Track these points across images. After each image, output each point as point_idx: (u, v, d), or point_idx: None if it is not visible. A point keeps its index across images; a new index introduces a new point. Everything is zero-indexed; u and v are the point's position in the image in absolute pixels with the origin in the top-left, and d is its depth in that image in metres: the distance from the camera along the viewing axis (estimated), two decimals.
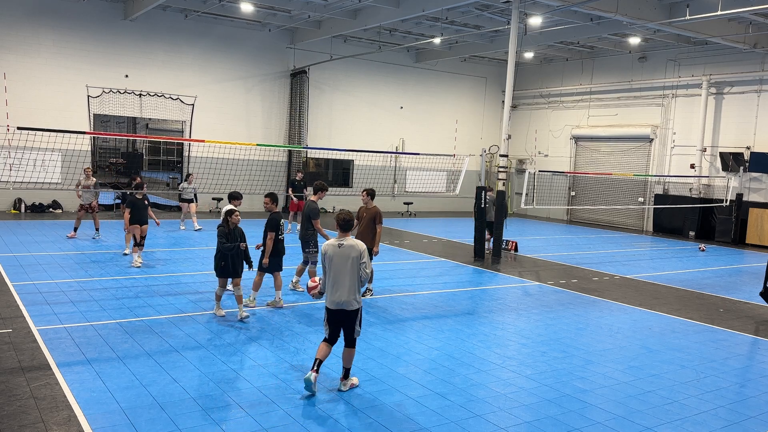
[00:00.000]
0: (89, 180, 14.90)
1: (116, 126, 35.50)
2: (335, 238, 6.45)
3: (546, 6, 17.28)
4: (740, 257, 18.42)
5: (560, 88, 27.46)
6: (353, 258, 6.27)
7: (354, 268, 6.27)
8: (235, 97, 22.96)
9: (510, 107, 15.91)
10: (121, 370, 6.52)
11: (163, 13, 20.95)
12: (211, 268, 12.21)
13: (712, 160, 22.45)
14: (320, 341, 6.44)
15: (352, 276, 6.27)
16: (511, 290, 11.94)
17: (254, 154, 21.29)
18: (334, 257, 6.32)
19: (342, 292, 6.27)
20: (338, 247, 6.33)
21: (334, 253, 6.33)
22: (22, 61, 19.20)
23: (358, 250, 6.31)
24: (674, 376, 7.34)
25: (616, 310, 10.60)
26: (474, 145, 27.69)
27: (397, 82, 26.66)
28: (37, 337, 7.41)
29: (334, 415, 5.72)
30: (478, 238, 15.34)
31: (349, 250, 6.31)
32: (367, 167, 25.32)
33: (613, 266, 15.17)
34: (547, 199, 25.08)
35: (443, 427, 5.60)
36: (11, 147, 16.98)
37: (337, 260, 6.30)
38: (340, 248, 6.32)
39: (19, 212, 19.43)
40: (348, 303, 6.29)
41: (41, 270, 11.13)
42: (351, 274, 6.27)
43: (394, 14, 18.71)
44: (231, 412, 5.66)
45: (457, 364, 7.32)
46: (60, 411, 5.47)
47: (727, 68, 21.84)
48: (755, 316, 10.74)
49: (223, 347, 7.45)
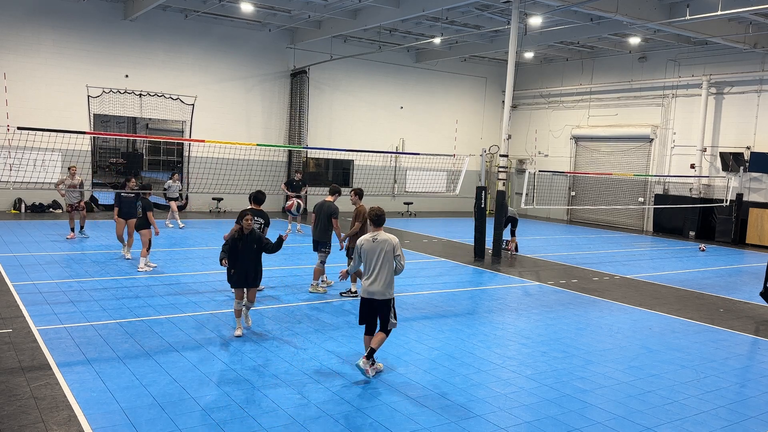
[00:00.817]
0: (74, 179, 14.53)
1: (116, 126, 35.52)
2: (370, 233, 6.84)
3: (546, 6, 17.28)
4: (740, 257, 18.42)
5: (560, 88, 27.46)
6: (387, 251, 6.68)
7: (387, 260, 6.67)
8: (235, 97, 22.96)
9: (510, 107, 15.91)
10: (121, 370, 6.52)
11: (163, 13, 20.95)
12: (211, 267, 12.27)
13: (712, 160, 22.45)
14: (323, 342, 6.44)
15: (385, 268, 6.66)
16: (511, 290, 11.94)
17: (254, 154, 21.29)
18: (369, 251, 6.72)
19: (375, 283, 6.68)
20: (372, 241, 6.74)
21: (369, 246, 6.74)
22: (22, 61, 19.20)
23: (392, 244, 6.72)
24: (674, 376, 7.34)
25: (616, 310, 10.59)
26: (474, 145, 27.70)
27: (397, 82, 26.65)
28: (37, 337, 7.41)
29: (334, 415, 5.72)
30: (478, 238, 15.33)
31: (382, 244, 6.71)
32: (367, 167, 25.33)
33: (613, 266, 15.17)
34: (547, 199, 25.08)
35: (443, 427, 5.60)
36: (11, 147, 16.98)
37: (371, 253, 6.70)
38: (375, 242, 6.72)
39: (19, 212, 19.43)
40: (380, 293, 6.68)
41: (41, 270, 11.14)
42: (384, 267, 6.66)
43: (394, 14, 18.71)
44: (231, 412, 5.66)
45: (457, 364, 7.32)
46: (60, 411, 5.47)
47: (727, 68, 21.84)
48: (755, 316, 10.74)
49: (223, 347, 7.45)
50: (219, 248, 8.54)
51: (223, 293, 10.14)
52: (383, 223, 6.87)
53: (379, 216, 6.83)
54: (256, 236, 7.79)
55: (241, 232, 7.66)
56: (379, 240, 6.70)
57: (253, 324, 8.44)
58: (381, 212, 6.86)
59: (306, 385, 6.37)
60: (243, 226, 7.66)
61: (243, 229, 7.66)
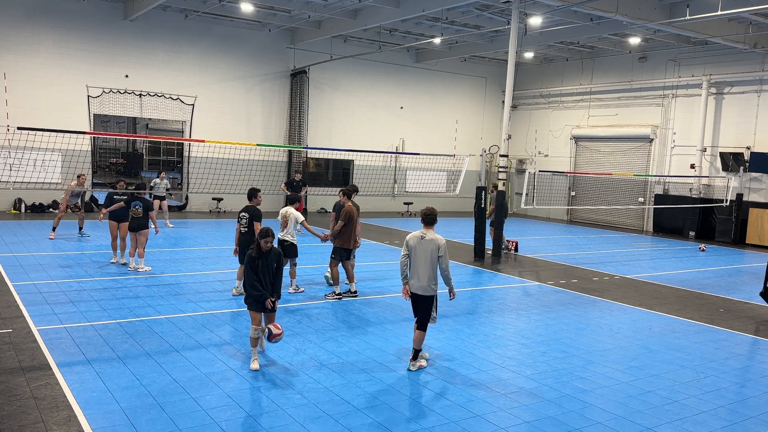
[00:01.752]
0: (81, 187, 14.86)
1: (116, 126, 35.54)
2: (420, 231, 7.05)
3: (546, 6, 17.28)
4: (740, 257, 18.42)
5: (560, 88, 27.46)
6: (431, 251, 6.92)
7: (431, 260, 6.92)
8: (235, 97, 22.96)
9: (510, 107, 15.91)
10: (121, 370, 6.52)
11: (163, 13, 20.95)
12: (212, 267, 12.28)
13: (712, 160, 22.45)
14: (323, 342, 6.44)
15: (429, 266, 6.92)
16: (511, 290, 11.94)
17: (254, 154, 21.30)
18: (416, 247, 7.00)
19: (419, 279, 6.97)
20: (421, 239, 6.99)
21: (415, 243, 7.01)
22: (22, 61, 19.20)
23: (437, 244, 6.94)
24: (674, 376, 7.34)
25: (616, 310, 10.59)
26: (474, 145, 27.70)
27: (397, 82, 26.65)
28: (37, 337, 7.41)
29: (333, 415, 5.72)
30: (478, 238, 15.33)
31: (429, 243, 6.95)
32: (367, 167, 25.33)
33: (613, 266, 15.17)
34: (547, 199, 25.09)
35: (443, 427, 5.60)
36: (11, 147, 16.98)
37: (418, 251, 6.97)
38: (422, 240, 6.98)
39: (19, 212, 19.43)
40: (423, 289, 6.97)
41: (41, 270, 11.13)
42: (428, 265, 6.92)
43: (394, 14, 18.71)
44: (231, 412, 5.66)
45: (457, 364, 7.32)
46: (60, 411, 5.47)
47: (727, 68, 21.84)
48: (755, 316, 10.74)
49: (223, 347, 7.45)
50: (219, 248, 8.58)
51: (223, 293, 10.14)
52: (434, 222, 7.07)
53: (427, 215, 7.05)
54: (276, 253, 6.93)
55: (259, 250, 6.80)
56: (427, 239, 6.95)
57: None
58: (431, 211, 7.07)
59: (306, 385, 6.37)
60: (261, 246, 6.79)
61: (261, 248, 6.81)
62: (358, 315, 9.29)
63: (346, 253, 10.27)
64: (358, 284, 10.87)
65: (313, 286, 11.04)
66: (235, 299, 9.74)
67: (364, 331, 8.46)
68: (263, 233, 6.80)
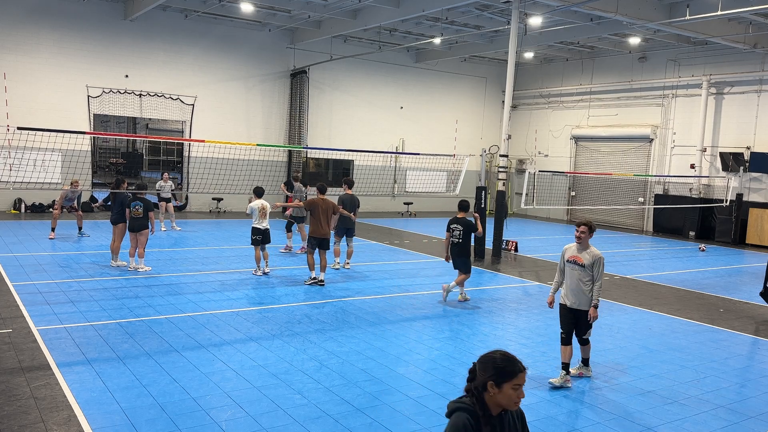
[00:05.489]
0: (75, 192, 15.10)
1: (116, 126, 35.56)
2: (575, 244, 6.97)
3: (546, 6, 17.28)
4: (740, 257, 18.42)
5: (560, 88, 27.46)
6: (586, 267, 6.86)
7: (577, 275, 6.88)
8: (235, 97, 22.96)
9: (510, 107, 15.91)
10: (121, 370, 6.52)
11: (163, 13, 20.95)
12: (212, 267, 12.27)
13: (712, 160, 22.45)
14: (323, 342, 6.44)
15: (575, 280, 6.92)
16: (511, 290, 11.94)
17: (254, 154, 21.30)
18: (565, 264, 7.01)
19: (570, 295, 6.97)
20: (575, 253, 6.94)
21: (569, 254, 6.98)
22: (22, 61, 19.20)
23: (591, 260, 6.82)
24: (674, 376, 7.34)
25: (616, 310, 10.60)
26: (474, 145, 27.69)
27: (397, 82, 26.65)
28: (37, 337, 7.41)
29: (333, 415, 5.72)
30: (478, 238, 15.30)
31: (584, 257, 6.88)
32: (367, 167, 25.32)
33: (613, 266, 15.16)
34: (547, 199, 25.08)
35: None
36: (11, 147, 16.98)
37: (567, 268, 7.00)
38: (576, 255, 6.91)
39: (19, 212, 19.43)
40: (574, 303, 6.97)
41: (41, 270, 11.13)
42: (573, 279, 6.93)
43: (394, 14, 18.70)
44: (231, 412, 5.66)
45: (457, 364, 7.32)
46: (60, 411, 5.47)
47: (727, 68, 21.84)
48: (755, 316, 10.74)
49: (223, 347, 7.45)
50: (219, 248, 8.55)
51: (223, 293, 10.14)
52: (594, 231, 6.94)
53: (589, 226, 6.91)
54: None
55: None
56: (586, 254, 6.87)
57: (254, 325, 8.44)
58: (588, 223, 6.90)
59: (306, 385, 6.37)
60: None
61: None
62: (359, 315, 9.29)
63: (316, 242, 11.07)
64: (358, 284, 10.88)
65: (313, 286, 11.04)
66: (235, 299, 9.74)
67: (364, 331, 8.46)
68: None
